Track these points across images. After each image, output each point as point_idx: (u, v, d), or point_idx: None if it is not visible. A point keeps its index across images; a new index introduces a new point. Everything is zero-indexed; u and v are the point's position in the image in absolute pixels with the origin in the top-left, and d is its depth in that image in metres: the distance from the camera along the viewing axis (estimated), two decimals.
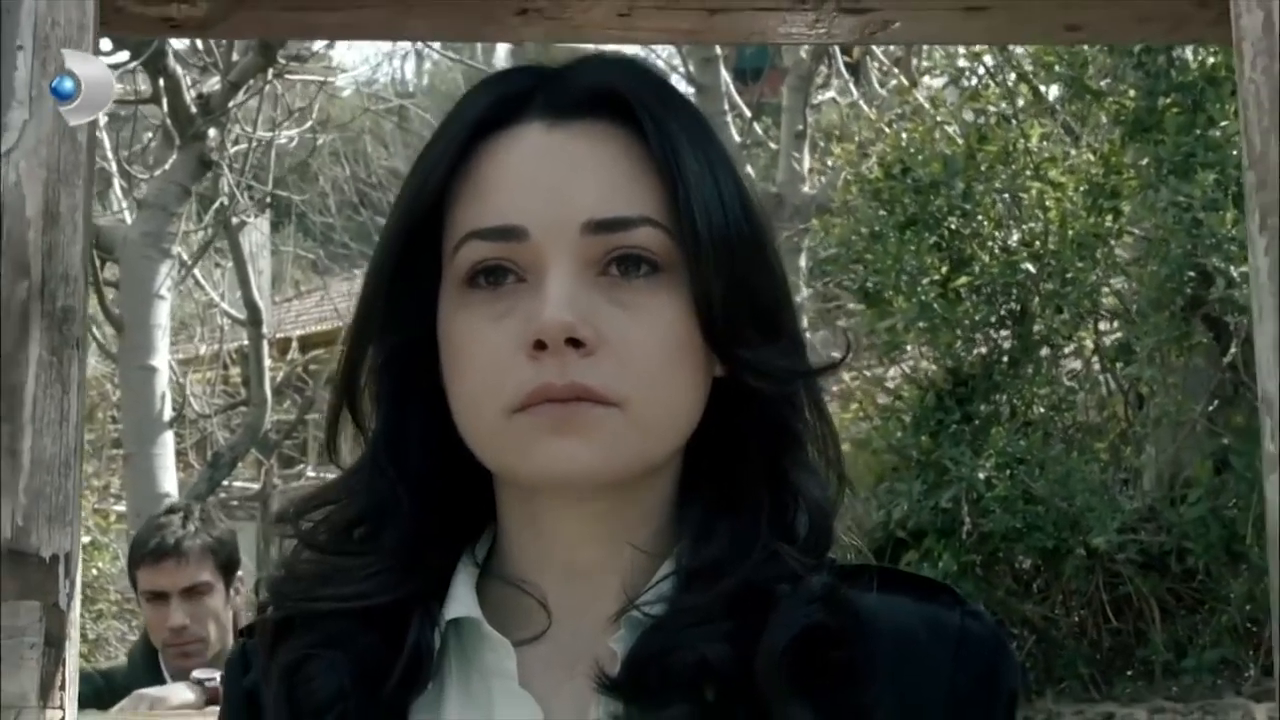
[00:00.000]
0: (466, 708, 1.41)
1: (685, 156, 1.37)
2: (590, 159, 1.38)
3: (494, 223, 1.35)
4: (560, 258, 1.34)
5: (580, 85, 1.40)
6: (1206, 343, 8.93)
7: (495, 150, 1.38)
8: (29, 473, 1.55)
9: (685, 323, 1.37)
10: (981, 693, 1.40)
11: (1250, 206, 1.66)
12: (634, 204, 1.36)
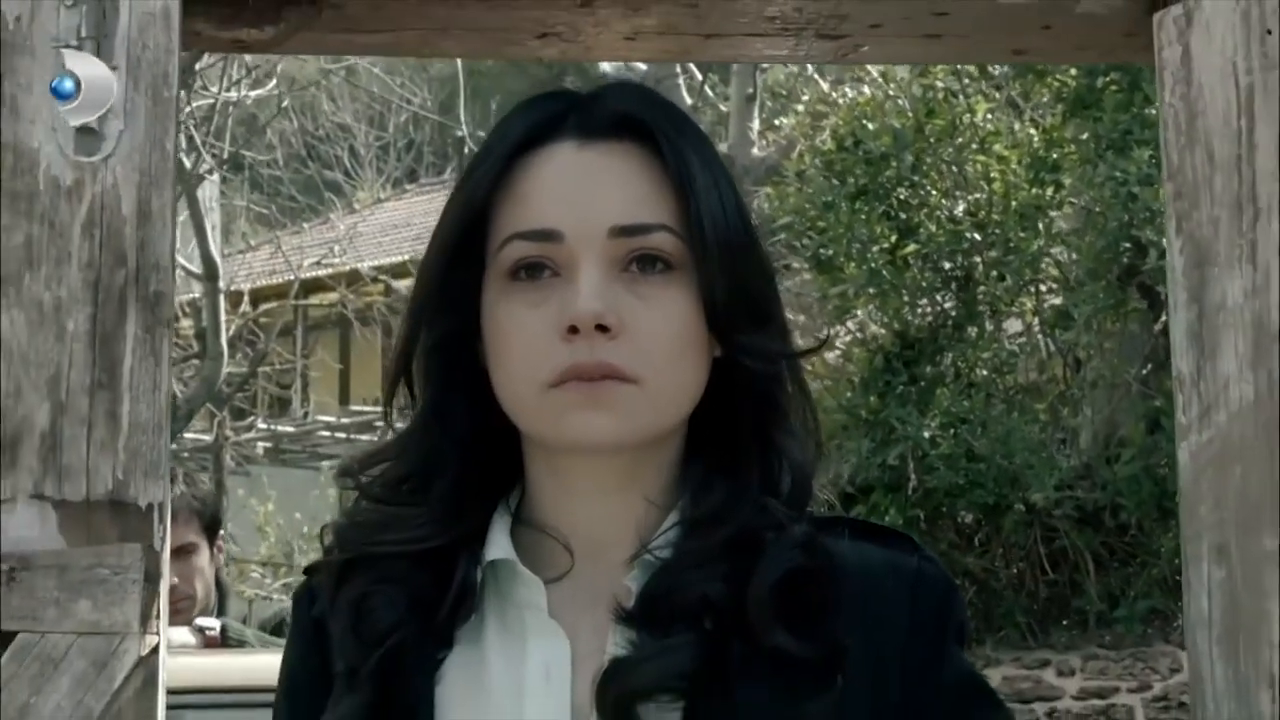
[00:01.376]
0: (503, 635, 1.58)
1: (695, 173, 1.56)
2: (615, 174, 1.56)
3: (534, 226, 1.54)
4: (590, 256, 1.53)
5: (606, 110, 1.58)
6: (1141, 310, 9.13)
7: (534, 165, 1.56)
8: (127, 434, 1.75)
9: (692, 313, 1.55)
10: (934, 623, 1.58)
11: (1169, 213, 1.86)
12: (652, 212, 1.55)
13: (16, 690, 1.66)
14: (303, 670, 1.62)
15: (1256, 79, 1.83)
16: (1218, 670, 1.80)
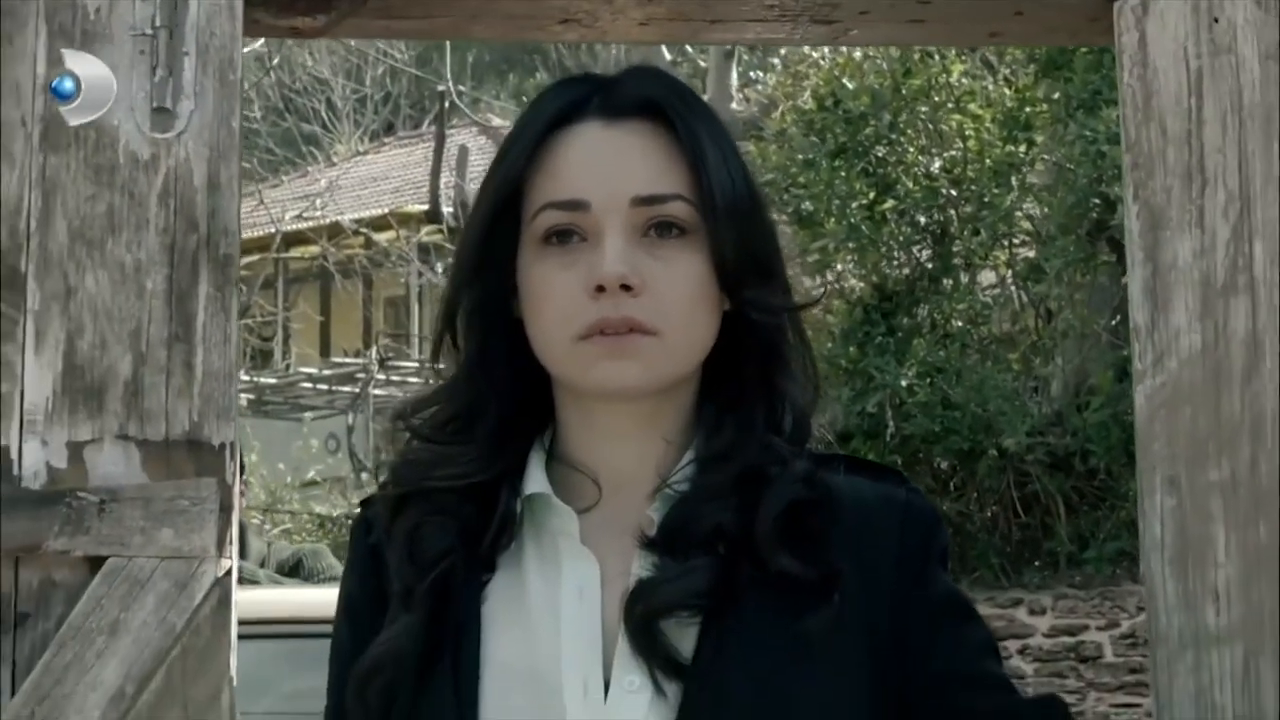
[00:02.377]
0: (540, 560, 1.71)
1: (706, 148, 1.70)
2: (636, 150, 1.68)
3: (564, 197, 1.66)
4: (614, 224, 1.65)
5: (627, 93, 1.72)
6: (1110, 263, 9.21)
7: (564, 142, 1.70)
8: (201, 381, 1.86)
9: (704, 272, 1.68)
10: (920, 548, 1.73)
11: (1126, 181, 1.97)
12: (669, 184, 1.67)
13: (108, 607, 1.79)
14: (361, 593, 1.75)
15: (1205, 62, 1.96)
16: (1169, 587, 1.92)
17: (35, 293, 1.87)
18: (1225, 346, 1.93)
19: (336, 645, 1.77)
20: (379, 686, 1.65)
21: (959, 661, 1.71)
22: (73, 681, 1.79)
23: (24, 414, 1.86)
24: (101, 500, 1.82)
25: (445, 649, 1.66)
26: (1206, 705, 1.89)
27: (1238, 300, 1.94)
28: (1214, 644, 1.90)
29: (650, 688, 1.61)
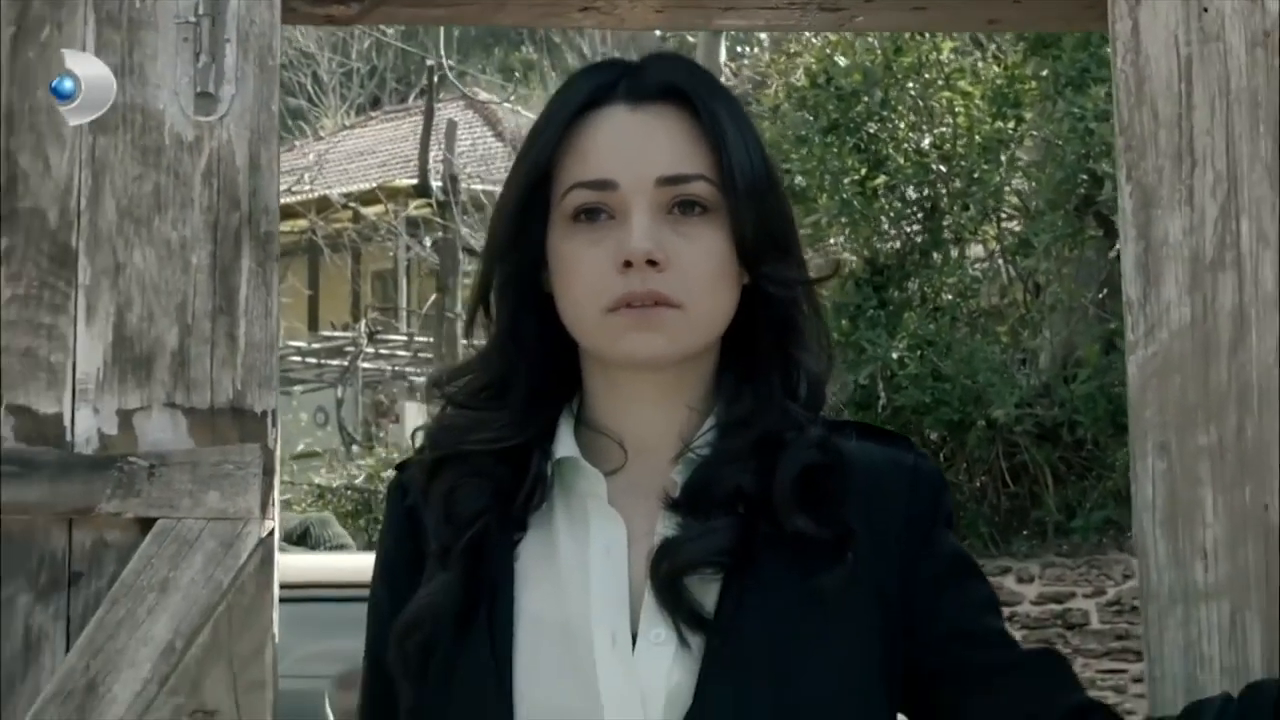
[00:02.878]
0: (569, 521, 1.78)
1: (727, 130, 1.75)
2: (660, 132, 1.74)
3: (593, 177, 1.72)
4: (640, 202, 1.71)
5: (652, 78, 1.78)
6: (1097, 238, 9.28)
7: (592, 124, 1.76)
8: (244, 351, 1.93)
9: (725, 248, 1.74)
10: (928, 510, 1.80)
11: (1119, 162, 2.04)
12: (692, 164, 1.73)
13: (158, 566, 1.87)
14: (397, 553, 1.80)
15: (1195, 50, 2.02)
16: (1160, 546, 1.98)
17: (86, 268, 1.95)
18: (1213, 319, 1.99)
19: (374, 604, 1.83)
20: (418, 640, 1.71)
21: (963, 618, 1.77)
22: (125, 636, 1.87)
23: (76, 383, 1.94)
24: (151, 465, 1.90)
25: (481, 604, 1.71)
26: (1195, 657, 1.95)
27: (1225, 275, 2.00)
28: (1202, 600, 1.96)
29: (675, 640, 1.68)
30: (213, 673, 1.88)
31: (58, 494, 1.89)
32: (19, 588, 1.90)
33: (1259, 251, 2.00)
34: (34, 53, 1.97)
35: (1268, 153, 1.99)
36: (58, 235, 1.95)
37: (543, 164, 1.76)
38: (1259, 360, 1.98)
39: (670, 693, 1.68)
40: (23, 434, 1.92)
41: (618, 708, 1.67)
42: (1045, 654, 1.81)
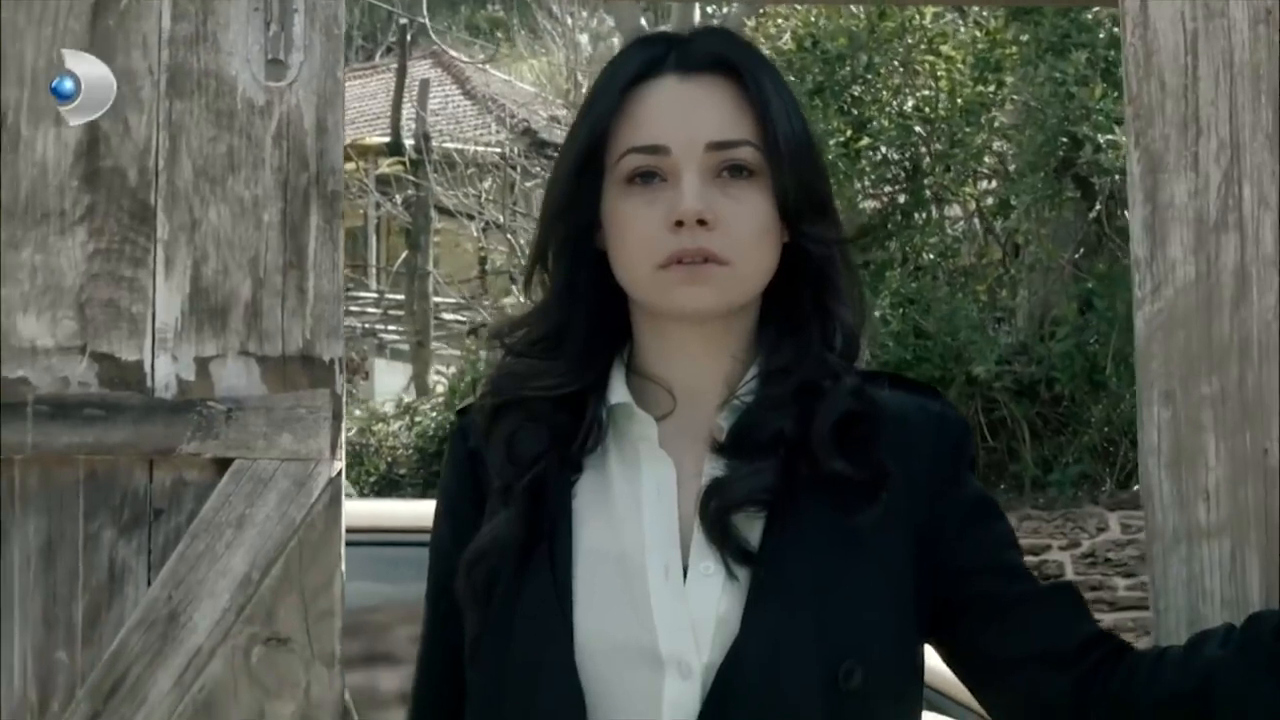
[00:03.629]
0: (622, 463, 1.83)
1: (771, 99, 1.84)
2: (709, 101, 1.82)
3: (647, 142, 1.80)
4: (691, 166, 1.79)
5: (700, 50, 1.87)
6: (1075, 199, 9.35)
7: (645, 94, 1.84)
8: (313, 303, 2.01)
9: (769, 209, 1.80)
10: (953, 454, 1.89)
11: (1129, 130, 2.13)
12: (738, 130, 1.80)
13: (235, 502, 1.96)
14: (459, 491, 1.89)
15: (1200, 25, 2.10)
16: (1165, 488, 2.06)
17: (164, 224, 2.02)
18: (1216, 277, 2.07)
19: (437, 538, 1.91)
20: (484, 570, 1.80)
21: (986, 554, 1.86)
22: (205, 568, 1.96)
23: (156, 332, 2.02)
24: (229, 409, 1.98)
25: (542, 538, 1.80)
26: (1198, 591, 2.04)
27: (1228, 236, 2.08)
28: (1204, 538, 2.05)
29: (723, 572, 1.76)
30: (285, 602, 1.98)
31: (141, 436, 1.97)
32: (104, 523, 1.98)
33: (1260, 214, 2.08)
34: (113, 21, 2.04)
35: (1268, 122, 2.07)
36: (137, 193, 2.03)
37: (599, 131, 1.84)
38: (1259, 316, 2.06)
39: (719, 620, 1.76)
40: (106, 380, 2.00)
41: (670, 634, 1.76)
42: (1062, 588, 1.91)
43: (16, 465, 1.98)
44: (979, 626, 1.87)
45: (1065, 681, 1.84)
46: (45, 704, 1.96)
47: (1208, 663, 1.82)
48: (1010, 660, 1.86)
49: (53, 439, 1.97)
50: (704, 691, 1.75)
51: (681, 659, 1.76)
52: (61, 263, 2.02)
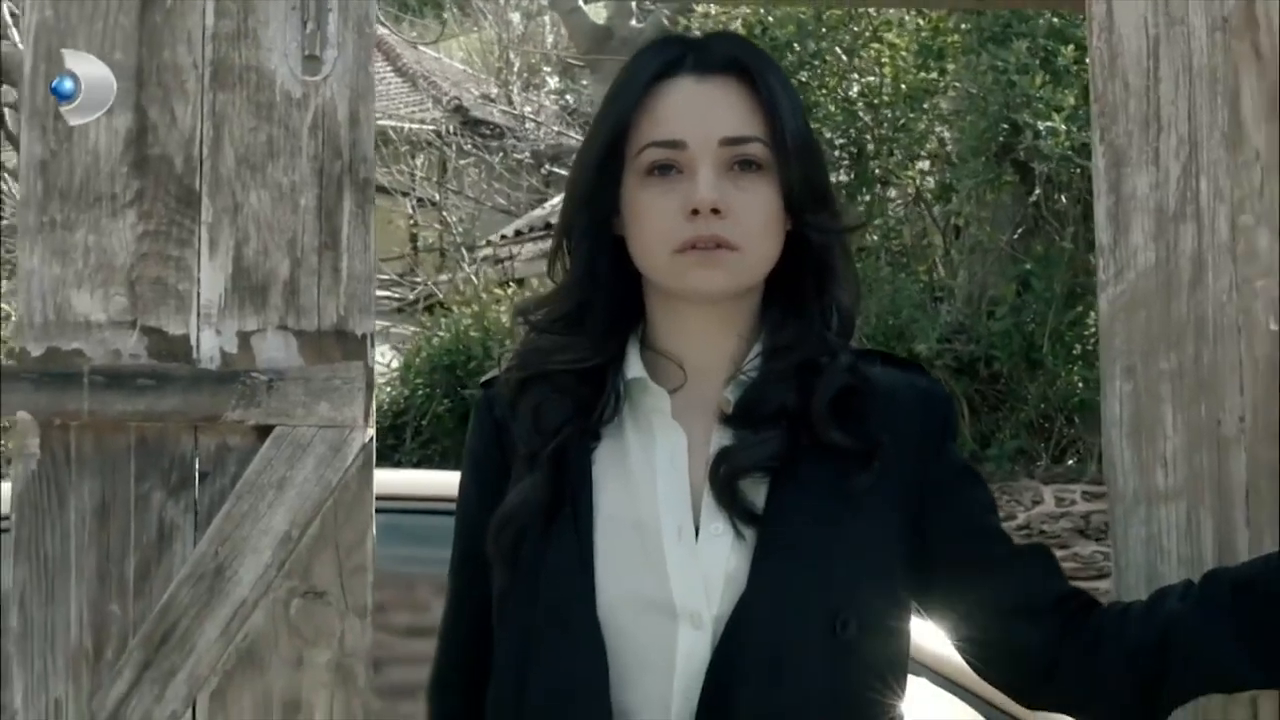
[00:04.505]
0: (638, 432, 1.95)
1: (780, 100, 1.96)
2: (724, 100, 1.93)
3: (666, 137, 1.91)
4: (706, 160, 1.90)
5: (715, 53, 1.96)
6: (1013, 183, 9.41)
7: (664, 93, 1.94)
8: (346, 282, 2.10)
9: (775, 200, 1.92)
10: (938, 426, 1.99)
11: (1094, 126, 2.22)
12: (750, 128, 1.92)
13: (277, 466, 2.06)
14: (486, 455, 2.01)
15: (1161, 31, 2.20)
16: (1126, 455, 2.17)
17: (208, 208, 2.12)
18: (1175, 262, 2.17)
19: (464, 498, 2.03)
20: (512, 531, 1.92)
21: (968, 517, 1.99)
22: (249, 527, 2.06)
23: (201, 308, 2.11)
24: (270, 379, 2.07)
25: (565, 501, 1.91)
26: (1156, 550, 2.14)
27: (1186, 225, 2.18)
28: (1162, 501, 2.15)
29: (731, 533, 1.89)
30: (321, 558, 2.08)
31: (188, 404, 2.07)
32: (153, 485, 2.08)
33: (1215, 206, 2.17)
34: (160, 17, 2.14)
35: (1223, 121, 2.18)
36: (183, 179, 2.12)
37: (621, 126, 1.95)
38: (1214, 298, 2.16)
39: (728, 576, 1.88)
40: (154, 352, 2.10)
41: (684, 589, 1.88)
42: (1038, 549, 2.03)
43: (73, 431, 2.08)
44: (961, 583, 1.98)
45: (1040, 633, 1.96)
46: (100, 652, 2.06)
47: (1168, 615, 1.93)
48: (990, 614, 1.98)
49: (107, 406, 2.06)
50: (714, 640, 1.87)
51: (694, 611, 1.87)
52: (113, 243, 2.12)
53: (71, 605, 2.07)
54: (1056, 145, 8.55)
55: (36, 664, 2.06)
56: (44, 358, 2.09)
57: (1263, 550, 2.08)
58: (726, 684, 1.84)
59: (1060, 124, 8.52)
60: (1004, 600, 1.98)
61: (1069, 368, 9.10)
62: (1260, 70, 2.18)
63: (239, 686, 2.07)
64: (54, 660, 2.06)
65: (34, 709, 2.05)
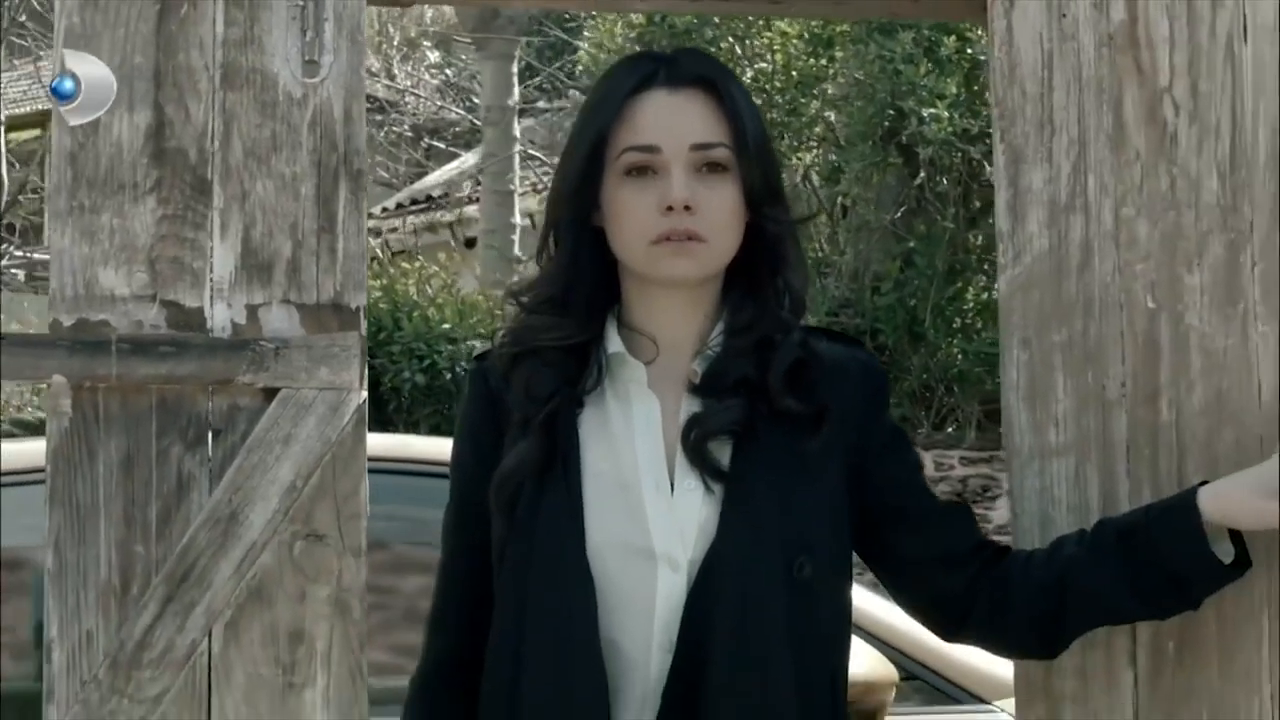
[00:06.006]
0: (617, 400, 2.10)
1: (742, 110, 2.09)
2: (693, 110, 2.08)
3: (642, 142, 2.07)
4: (678, 163, 2.05)
5: (686, 69, 2.11)
6: (897, 165, 9.65)
7: (641, 103, 2.08)
8: (342, 261, 2.24)
9: (737, 197, 2.08)
10: (876, 396, 2.18)
11: (995, 128, 2.38)
12: (716, 135, 2.07)
13: (282, 424, 2.22)
14: (482, 421, 2.17)
15: (1055, 45, 2.36)
16: (1022, 416, 2.32)
17: (220, 195, 2.28)
18: (1065, 248, 2.33)
19: (460, 458, 2.20)
20: (510, 486, 2.08)
21: (901, 476, 2.19)
22: (258, 478, 2.23)
23: (213, 284, 2.27)
24: (277, 347, 2.23)
25: (556, 460, 2.08)
26: (1048, 499, 2.31)
27: (1075, 216, 2.34)
28: (1054, 456, 2.32)
29: (702, 488, 2.07)
30: (321, 505, 2.24)
31: (204, 369, 2.23)
32: (172, 441, 2.24)
33: (1100, 199, 2.33)
34: (175, 26, 2.29)
35: (1109, 125, 2.35)
36: (197, 169, 2.27)
37: (603, 133, 2.12)
38: (1099, 280, 2.33)
39: (700, 525, 2.07)
40: (173, 323, 2.26)
41: (662, 536, 2.06)
42: (959, 505, 2.24)
43: (101, 393, 2.24)
44: (893, 533, 2.18)
45: (959, 577, 2.17)
46: (127, 588, 2.23)
47: (1065, 560, 2.15)
48: (917, 561, 2.18)
49: (132, 371, 2.22)
50: (689, 581, 2.05)
51: (671, 556, 2.06)
52: (135, 226, 2.27)
53: (101, 546, 2.23)
54: (939, 131, 8.80)
55: (70, 599, 2.22)
56: (75, 327, 2.25)
57: (1141, 498, 2.29)
58: (701, 618, 2.02)
59: (943, 111, 8.77)
60: (930, 549, 2.17)
61: (949, 340, 9.36)
62: (1141, 81, 2.35)
63: (250, 618, 2.24)
64: (86, 595, 2.23)
65: (68, 639, 2.22)
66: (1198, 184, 2.34)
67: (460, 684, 2.16)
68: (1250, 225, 2.33)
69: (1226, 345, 2.33)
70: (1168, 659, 2.31)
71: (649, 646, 2.05)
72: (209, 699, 2.22)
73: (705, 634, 2.02)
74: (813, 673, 2.08)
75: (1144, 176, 2.35)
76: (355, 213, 2.31)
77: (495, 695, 2.10)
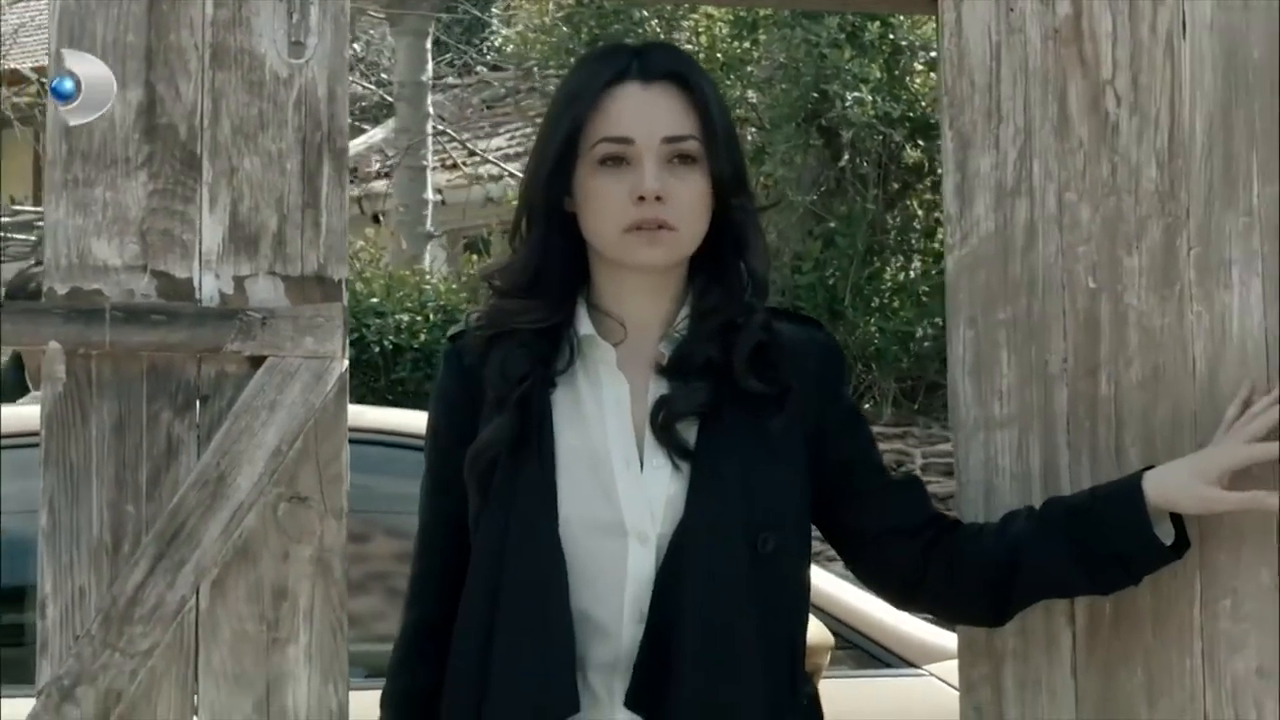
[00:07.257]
0: (588, 380, 2.15)
1: (711, 103, 2.15)
2: (664, 103, 2.13)
3: (616, 134, 2.12)
4: (650, 154, 2.10)
5: (657, 63, 2.16)
6: (818, 146, 9.77)
7: (614, 96, 2.13)
8: (325, 234, 2.29)
9: (705, 187, 2.13)
10: (834, 374, 2.24)
11: (944, 117, 2.47)
12: (686, 127, 2.12)
13: (268, 391, 2.28)
14: (459, 397, 2.21)
15: (1003, 38, 2.45)
16: (968, 389, 2.40)
17: (208, 170, 2.33)
18: (1011, 230, 2.42)
19: (435, 431, 2.25)
20: (485, 460, 2.14)
21: (857, 451, 2.26)
22: (245, 442, 2.29)
23: (202, 256, 2.32)
24: (263, 317, 2.29)
25: (529, 437, 2.14)
26: (993, 469, 2.40)
27: (1020, 200, 2.42)
28: (998, 427, 2.41)
29: (669, 466, 2.14)
30: (305, 469, 2.30)
31: (194, 337, 2.29)
32: (162, 406, 2.30)
33: (1045, 184, 2.42)
34: (167, 6, 2.34)
35: (1053, 115, 2.45)
36: (187, 145, 2.33)
37: (577, 124, 2.17)
38: (1043, 260, 2.42)
39: (668, 501, 2.14)
40: (163, 293, 2.31)
41: (632, 512, 2.13)
42: (913, 480, 2.33)
43: (94, 359, 2.29)
44: (851, 507, 2.25)
45: (913, 548, 2.25)
46: (118, 546, 2.29)
47: (1015, 533, 2.24)
48: (873, 533, 2.26)
49: (125, 338, 2.28)
50: (658, 555, 2.13)
51: (641, 530, 2.13)
52: (127, 199, 2.32)
53: (93, 506, 2.28)
54: (862, 114, 8.92)
55: (63, 557, 2.28)
56: (69, 296, 2.30)
57: (1080, 467, 2.40)
58: (670, 591, 2.10)
59: (866, 95, 8.89)
60: (885, 521, 2.25)
61: (867, 319, 9.50)
62: (1084, 73, 2.44)
63: (236, 576, 2.30)
64: (79, 553, 2.28)
65: (62, 595, 2.28)
66: (1137, 171, 2.43)
67: (440, 651, 2.22)
68: (1186, 211, 2.44)
69: (1163, 324, 2.42)
70: (1104, 619, 2.42)
71: (620, 618, 2.12)
72: (196, 653, 2.28)
73: (675, 606, 2.09)
74: (776, 640, 2.16)
75: (1086, 163, 2.43)
76: (338, 188, 2.37)
77: (464, 663, 2.15)
